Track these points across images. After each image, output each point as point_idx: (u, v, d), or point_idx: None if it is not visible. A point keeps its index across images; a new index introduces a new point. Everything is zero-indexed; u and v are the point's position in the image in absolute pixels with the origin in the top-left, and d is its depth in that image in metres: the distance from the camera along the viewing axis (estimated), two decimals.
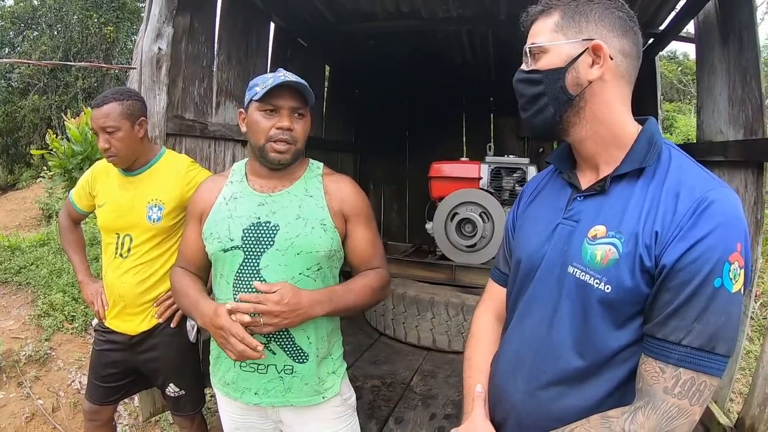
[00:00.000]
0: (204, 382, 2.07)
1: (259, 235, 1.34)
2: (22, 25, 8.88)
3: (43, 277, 3.99)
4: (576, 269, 0.88)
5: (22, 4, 8.79)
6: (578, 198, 0.94)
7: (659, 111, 3.74)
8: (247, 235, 1.34)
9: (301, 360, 1.36)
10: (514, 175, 3.72)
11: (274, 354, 1.34)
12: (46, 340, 3.36)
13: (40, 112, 8.40)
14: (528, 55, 0.93)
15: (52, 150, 4.10)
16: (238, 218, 1.36)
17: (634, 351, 0.84)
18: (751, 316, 4.18)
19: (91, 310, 3.73)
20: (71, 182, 3.97)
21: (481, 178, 3.68)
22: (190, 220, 1.48)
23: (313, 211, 1.36)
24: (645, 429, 0.78)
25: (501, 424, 0.99)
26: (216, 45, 2.64)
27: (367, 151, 5.47)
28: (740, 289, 0.77)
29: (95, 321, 1.97)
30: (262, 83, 1.32)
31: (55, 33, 8.58)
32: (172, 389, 1.91)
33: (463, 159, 4.06)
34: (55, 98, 8.37)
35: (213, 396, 2.90)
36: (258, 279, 1.32)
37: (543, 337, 0.93)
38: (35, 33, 8.80)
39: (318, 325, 1.37)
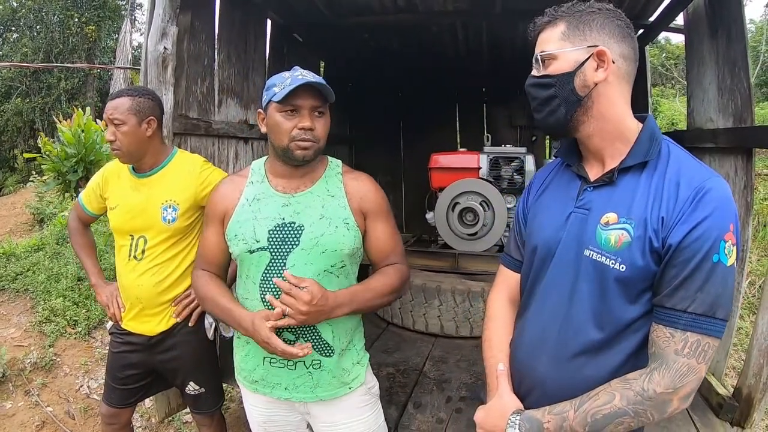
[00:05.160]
0: (221, 378, 2.09)
1: (285, 235, 1.34)
2: (2, 27, 8.69)
3: (42, 283, 3.95)
4: (592, 252, 0.98)
5: (0, 6, 8.59)
6: (588, 188, 1.04)
7: (649, 99, 3.82)
8: (272, 236, 1.34)
9: (327, 354, 1.38)
10: (512, 164, 3.76)
11: None
12: (49, 346, 3.34)
13: (23, 116, 8.26)
14: (538, 62, 1.02)
15: (44, 153, 4.04)
16: (263, 219, 1.36)
17: (644, 322, 0.96)
18: (743, 295, 4.30)
19: (92, 313, 3.71)
20: (66, 185, 3.92)
21: (480, 168, 3.71)
22: (211, 221, 1.46)
23: (336, 211, 1.38)
24: (661, 386, 0.90)
25: (525, 396, 1.09)
26: (216, 43, 2.62)
27: (362, 142, 5.47)
28: (734, 263, 0.90)
29: (110, 324, 1.96)
30: (280, 83, 1.30)
31: (36, 34, 8.41)
32: (192, 387, 1.91)
33: (461, 150, 4.09)
34: (38, 100, 8.23)
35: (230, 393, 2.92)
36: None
37: (564, 314, 1.03)
38: (15, 35, 8.63)
39: (343, 319, 1.39)
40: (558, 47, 0.99)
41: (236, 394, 3.02)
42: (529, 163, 3.76)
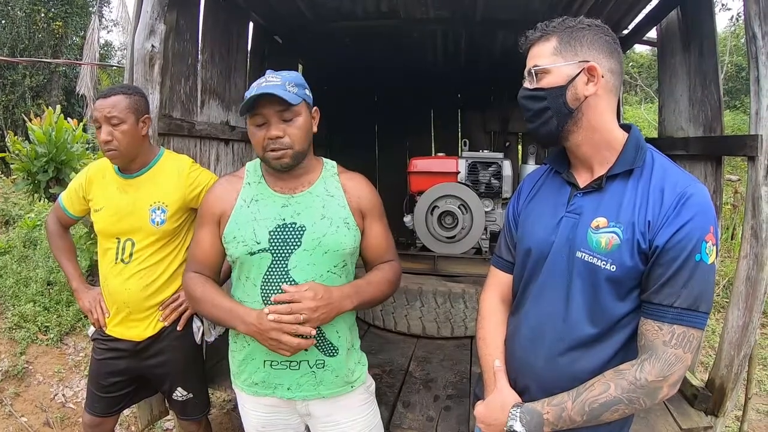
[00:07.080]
0: (208, 384, 2.06)
1: (286, 236, 1.34)
2: None
3: (10, 287, 3.81)
4: (584, 254, 1.05)
5: None
6: (578, 195, 1.10)
7: (620, 107, 3.97)
8: (273, 237, 1.34)
9: (331, 354, 1.40)
10: (490, 168, 3.85)
11: (306, 350, 1.35)
12: (21, 353, 3.22)
13: None
14: (532, 75, 1.08)
15: (12, 152, 3.88)
16: (262, 221, 1.35)
17: (633, 317, 1.04)
18: None
19: (64, 318, 3.60)
20: (35, 186, 3.77)
21: (459, 173, 3.79)
22: (205, 222, 1.43)
23: (336, 211, 1.39)
24: (652, 375, 0.97)
25: (523, 391, 1.14)
26: (200, 43, 2.59)
27: (337, 146, 5.47)
28: (714, 261, 0.98)
29: (92, 330, 1.90)
30: (248, 95, 1.29)
31: (1, 29, 8.07)
32: (179, 393, 1.88)
33: (440, 154, 4.16)
34: (2, 98, 7.90)
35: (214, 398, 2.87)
36: (287, 280, 1.33)
37: (560, 312, 1.09)
38: None
39: (345, 319, 1.42)
40: (551, 62, 1.04)
41: (216, 400, 2.98)
42: (507, 167, 3.85)
